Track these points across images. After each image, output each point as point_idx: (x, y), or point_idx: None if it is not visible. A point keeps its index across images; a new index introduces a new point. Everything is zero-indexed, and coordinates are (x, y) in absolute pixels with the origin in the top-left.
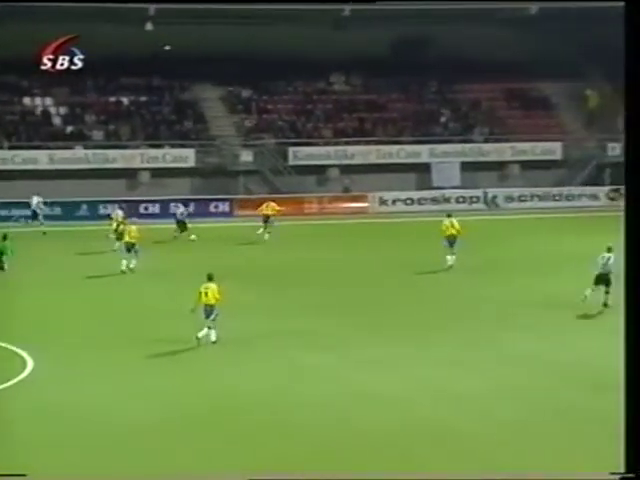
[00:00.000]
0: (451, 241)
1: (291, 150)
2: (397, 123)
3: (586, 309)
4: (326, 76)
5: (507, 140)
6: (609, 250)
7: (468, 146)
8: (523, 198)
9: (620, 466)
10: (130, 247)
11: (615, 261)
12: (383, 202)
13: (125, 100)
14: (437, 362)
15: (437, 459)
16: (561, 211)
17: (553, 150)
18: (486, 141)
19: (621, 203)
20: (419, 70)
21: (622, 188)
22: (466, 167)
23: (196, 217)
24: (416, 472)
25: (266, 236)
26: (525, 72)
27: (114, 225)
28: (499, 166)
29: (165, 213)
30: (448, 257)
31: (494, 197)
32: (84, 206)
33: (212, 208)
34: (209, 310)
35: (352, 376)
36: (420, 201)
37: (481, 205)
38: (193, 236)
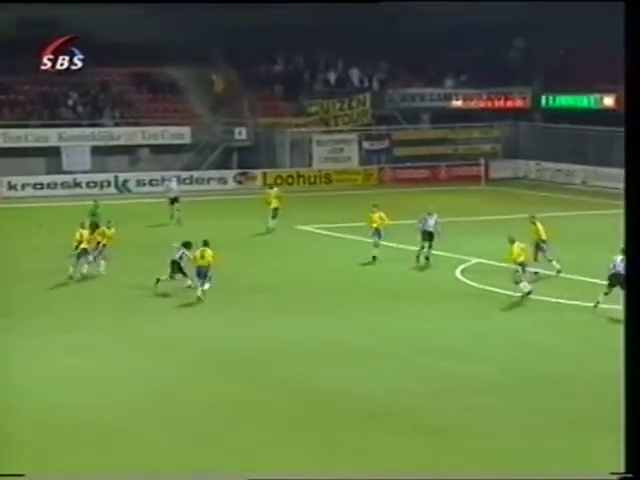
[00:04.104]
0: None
1: None
2: (24, 106)
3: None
4: None
5: (137, 124)
6: (430, 213)
7: (98, 130)
8: (154, 182)
9: (620, 466)
10: None
11: (435, 218)
12: (12, 187)
13: None
14: (69, 348)
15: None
16: (192, 194)
17: (182, 134)
18: (116, 125)
19: (249, 186)
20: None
21: (249, 171)
22: (96, 151)
23: None
24: (416, 472)
25: None
26: (153, 56)
27: None
28: (130, 150)
29: None
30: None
31: (125, 181)
32: None
33: None
34: (202, 271)
35: None
36: (50, 186)
37: (113, 189)
38: None
